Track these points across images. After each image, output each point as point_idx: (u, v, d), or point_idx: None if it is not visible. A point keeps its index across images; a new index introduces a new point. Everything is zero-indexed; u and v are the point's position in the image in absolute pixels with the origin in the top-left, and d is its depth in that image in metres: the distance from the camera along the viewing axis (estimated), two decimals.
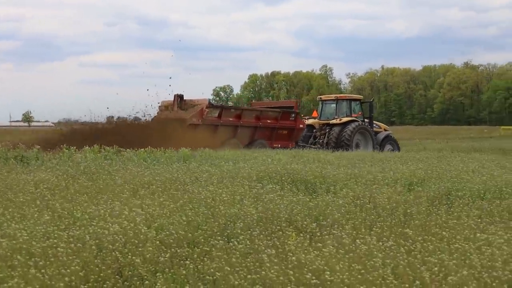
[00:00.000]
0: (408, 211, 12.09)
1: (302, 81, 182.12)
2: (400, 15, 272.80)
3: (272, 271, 7.69)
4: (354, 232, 10.16)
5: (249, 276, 7.67)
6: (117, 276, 7.98)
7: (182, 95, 33.76)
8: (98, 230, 9.55)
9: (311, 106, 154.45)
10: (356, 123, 36.91)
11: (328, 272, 7.58)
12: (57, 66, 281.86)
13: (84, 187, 14.42)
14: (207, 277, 7.78)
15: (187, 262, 8.41)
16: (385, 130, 40.53)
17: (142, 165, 19.93)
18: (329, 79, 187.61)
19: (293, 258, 8.25)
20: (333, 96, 40.69)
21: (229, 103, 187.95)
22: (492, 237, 9.74)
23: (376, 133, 38.66)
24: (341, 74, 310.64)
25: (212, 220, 10.60)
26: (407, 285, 7.42)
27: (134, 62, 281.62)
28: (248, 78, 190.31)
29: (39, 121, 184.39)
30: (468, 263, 8.24)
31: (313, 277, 7.48)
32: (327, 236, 9.75)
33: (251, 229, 10.10)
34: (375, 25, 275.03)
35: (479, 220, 11.35)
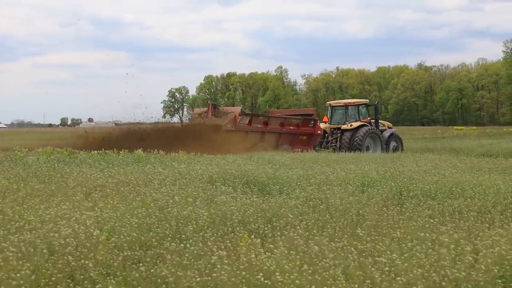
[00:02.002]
0: (361, 211, 12.20)
1: (257, 82, 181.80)
2: (355, 16, 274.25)
3: (223, 272, 7.70)
4: (307, 233, 10.22)
5: (200, 279, 7.67)
6: (68, 280, 7.92)
7: (216, 104, 37.92)
8: (49, 233, 9.45)
9: (266, 106, 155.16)
10: (367, 128, 38.87)
11: (279, 273, 7.63)
12: (10, 67, 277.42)
13: (36, 190, 14.26)
14: (159, 280, 7.76)
15: (139, 265, 8.37)
16: (389, 128, 42.45)
17: (96, 167, 19.77)
18: (285, 80, 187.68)
19: (245, 259, 8.27)
20: (342, 102, 42.93)
21: (185, 104, 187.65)
22: (442, 236, 9.89)
23: (382, 131, 40.47)
24: (297, 75, 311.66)
25: (165, 222, 10.58)
26: (357, 286, 7.50)
27: (89, 63, 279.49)
28: (204, 79, 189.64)
29: None
30: (417, 262, 8.36)
31: (264, 278, 7.52)
32: (279, 238, 9.79)
33: (204, 231, 10.12)
34: (330, 26, 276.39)
35: (431, 220, 11.49)
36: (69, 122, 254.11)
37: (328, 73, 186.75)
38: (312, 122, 38.49)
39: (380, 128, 40.50)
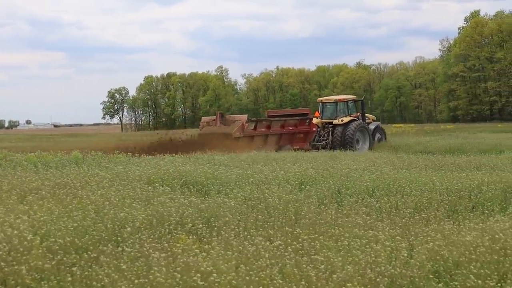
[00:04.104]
0: (299, 210, 12.24)
1: (198, 82, 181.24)
2: (293, 16, 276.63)
3: (160, 274, 7.65)
4: (245, 233, 10.21)
5: (137, 281, 7.61)
6: (1, 286, 7.76)
7: (223, 113, 41.29)
8: None
9: (207, 107, 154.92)
10: (356, 122, 41.26)
11: (216, 274, 7.60)
12: None
13: None
14: (94, 283, 7.66)
15: (74, 268, 8.24)
16: (373, 120, 45.54)
17: (31, 169, 19.39)
18: (225, 80, 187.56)
19: (182, 260, 8.22)
20: (332, 98, 45.48)
21: (124, 105, 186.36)
22: (379, 233, 9.99)
23: (368, 124, 43.13)
24: (237, 75, 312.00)
25: (101, 224, 10.44)
26: (294, 285, 7.51)
27: (25, 64, 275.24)
28: (144, 80, 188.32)
29: None
30: (353, 260, 8.42)
31: (201, 279, 7.48)
32: (216, 238, 9.76)
33: (140, 233, 10.02)
34: (269, 25, 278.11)
35: (368, 217, 11.60)
36: (6, 125, 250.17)
37: (268, 73, 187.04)
38: (307, 121, 41.12)
39: (366, 121, 42.93)
